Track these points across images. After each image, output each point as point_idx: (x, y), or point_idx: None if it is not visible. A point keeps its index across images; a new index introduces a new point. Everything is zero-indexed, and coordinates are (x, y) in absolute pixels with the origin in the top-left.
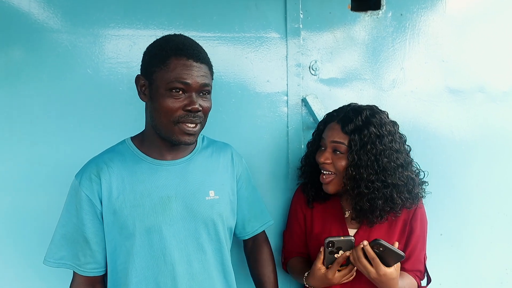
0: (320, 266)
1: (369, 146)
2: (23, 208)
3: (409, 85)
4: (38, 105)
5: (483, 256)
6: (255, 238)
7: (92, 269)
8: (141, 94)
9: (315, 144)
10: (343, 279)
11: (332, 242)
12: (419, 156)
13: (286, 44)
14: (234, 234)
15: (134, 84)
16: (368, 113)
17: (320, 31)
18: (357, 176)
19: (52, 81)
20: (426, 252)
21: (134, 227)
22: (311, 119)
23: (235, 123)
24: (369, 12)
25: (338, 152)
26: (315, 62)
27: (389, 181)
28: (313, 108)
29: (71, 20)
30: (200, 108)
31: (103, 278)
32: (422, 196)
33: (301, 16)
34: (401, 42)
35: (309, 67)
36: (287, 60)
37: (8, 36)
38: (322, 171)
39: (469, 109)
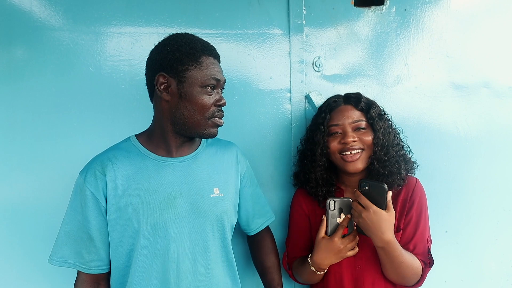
0: (323, 235)
1: (384, 117)
2: (26, 206)
3: (413, 81)
4: (40, 103)
5: (488, 252)
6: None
7: (96, 267)
8: (163, 92)
9: (323, 136)
10: (348, 246)
11: (334, 201)
12: (423, 152)
13: (289, 41)
14: (240, 228)
15: (136, 82)
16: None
17: (324, 27)
18: (386, 143)
19: (54, 79)
20: (431, 237)
21: (139, 224)
22: None
23: (238, 120)
24: (372, 8)
25: (361, 129)
26: (319, 58)
27: (400, 143)
28: (317, 104)
29: (72, 17)
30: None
31: (107, 276)
32: (416, 166)
33: (304, 12)
34: (405, 38)
35: (313, 64)
36: (290, 56)
37: (10, 35)
38: (345, 153)
39: (474, 105)
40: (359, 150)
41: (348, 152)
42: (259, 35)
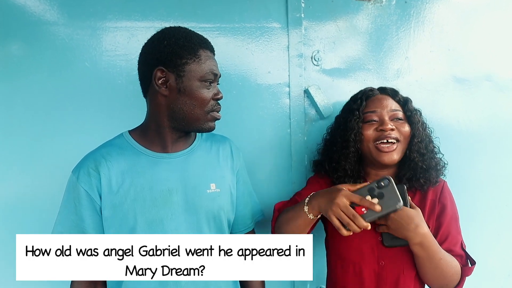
0: (348, 185)
1: (419, 113)
2: (23, 204)
3: (414, 75)
4: (36, 99)
5: (490, 249)
6: None
7: None
8: (161, 87)
9: (357, 121)
10: (347, 214)
11: (387, 181)
12: None
13: (288, 34)
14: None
15: (132, 77)
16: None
17: (322, 21)
18: (426, 138)
19: (50, 74)
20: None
21: (135, 221)
22: (314, 111)
23: (236, 115)
24: (372, 0)
25: (398, 119)
26: (317, 52)
27: (433, 141)
28: (316, 99)
29: (67, 12)
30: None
31: None
32: (445, 166)
33: (303, 5)
34: (405, 31)
35: (311, 58)
36: (288, 50)
37: (4, 30)
38: (381, 143)
39: (476, 99)
40: (396, 141)
41: (385, 141)
42: (257, 29)
